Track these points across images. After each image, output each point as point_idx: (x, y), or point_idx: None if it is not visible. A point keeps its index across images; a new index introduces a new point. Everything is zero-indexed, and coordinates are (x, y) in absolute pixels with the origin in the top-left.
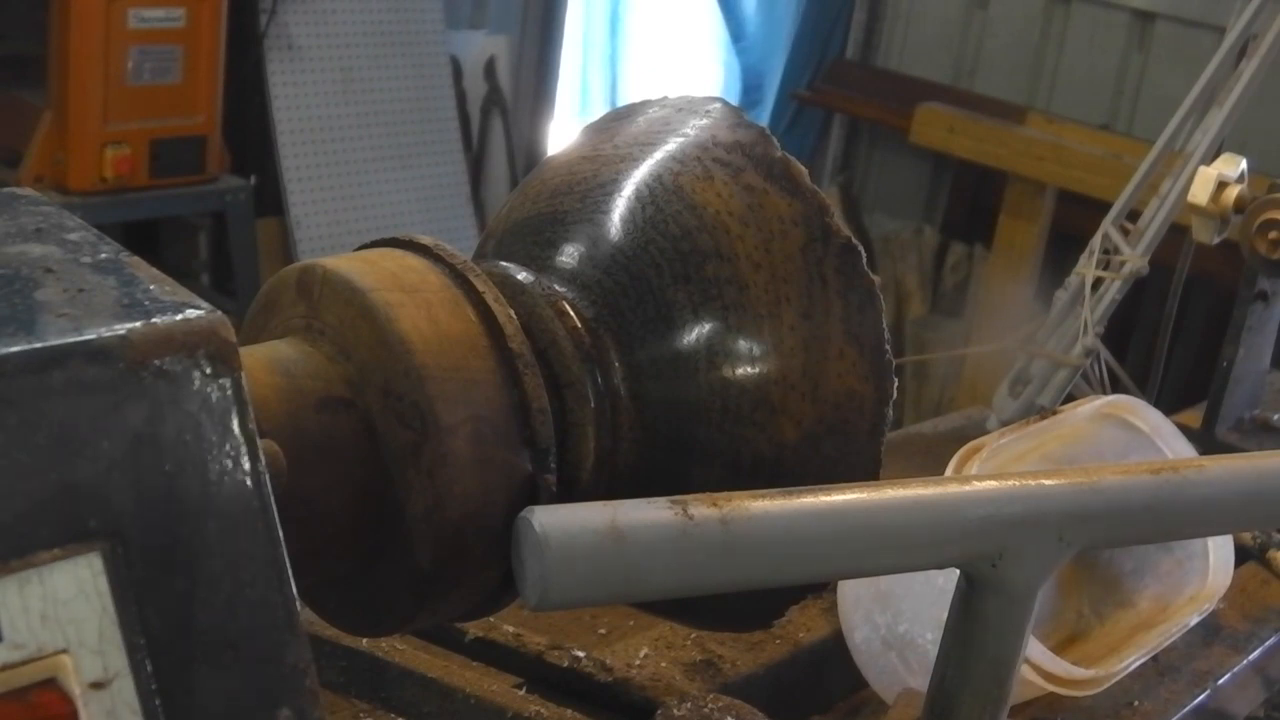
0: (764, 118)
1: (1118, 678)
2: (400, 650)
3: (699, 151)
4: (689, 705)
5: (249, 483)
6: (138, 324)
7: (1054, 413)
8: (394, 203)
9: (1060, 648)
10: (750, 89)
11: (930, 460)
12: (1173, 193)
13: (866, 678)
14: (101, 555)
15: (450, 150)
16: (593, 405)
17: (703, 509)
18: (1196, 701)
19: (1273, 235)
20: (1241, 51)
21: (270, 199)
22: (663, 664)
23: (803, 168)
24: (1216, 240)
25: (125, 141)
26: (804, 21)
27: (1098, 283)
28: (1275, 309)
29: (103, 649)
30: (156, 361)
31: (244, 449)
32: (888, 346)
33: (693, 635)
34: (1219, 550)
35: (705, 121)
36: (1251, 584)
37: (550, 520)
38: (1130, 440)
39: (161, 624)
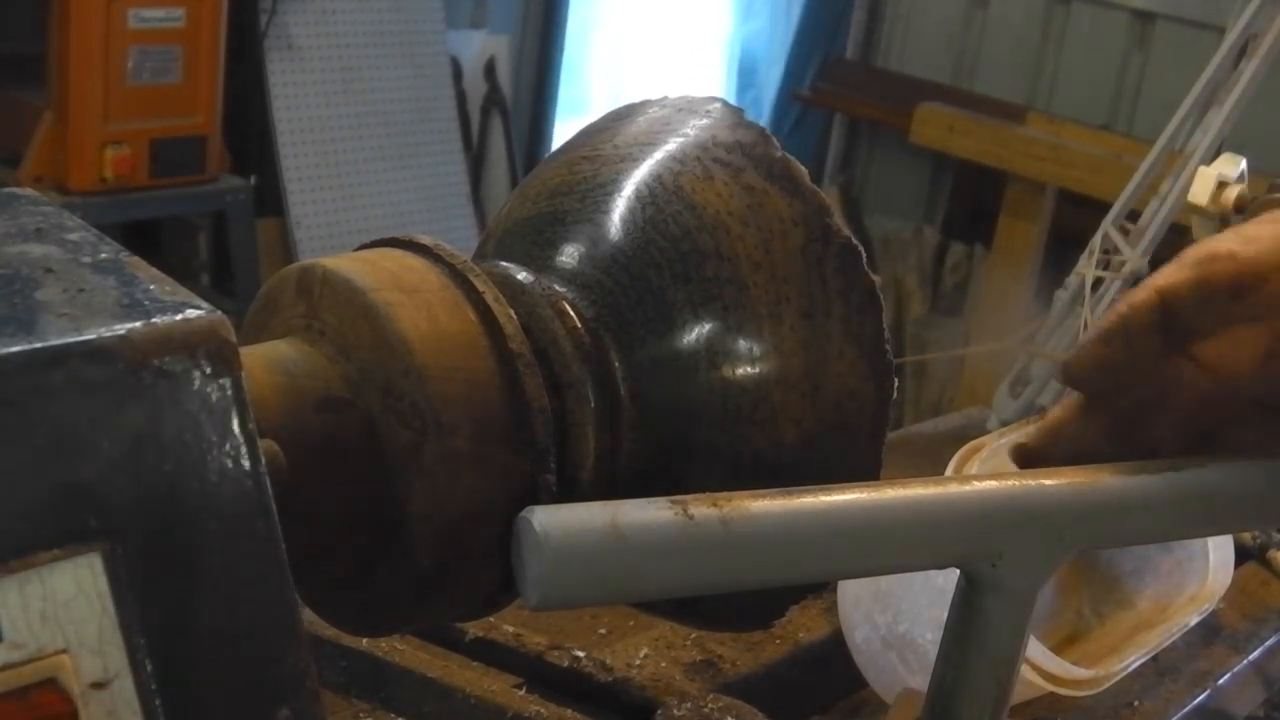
0: (764, 118)
1: (1118, 678)
2: (400, 650)
3: (699, 151)
4: (689, 705)
5: (249, 483)
6: (138, 324)
7: None
8: (394, 203)
9: (1060, 648)
10: (748, 88)
11: (930, 460)
12: (1173, 193)
13: (866, 678)
14: (101, 555)
15: (450, 150)
16: (593, 405)
17: (703, 509)
18: (1196, 701)
19: None
20: (1241, 51)
21: (270, 199)
22: (663, 664)
23: (803, 168)
24: None
25: (125, 141)
26: (804, 21)
27: (1098, 283)
28: None
29: (103, 649)
30: (156, 361)
31: (244, 449)
32: (888, 346)
33: (693, 635)
34: (1219, 550)
35: (705, 121)
36: (1251, 584)
37: (550, 520)
38: None
39: (161, 624)
